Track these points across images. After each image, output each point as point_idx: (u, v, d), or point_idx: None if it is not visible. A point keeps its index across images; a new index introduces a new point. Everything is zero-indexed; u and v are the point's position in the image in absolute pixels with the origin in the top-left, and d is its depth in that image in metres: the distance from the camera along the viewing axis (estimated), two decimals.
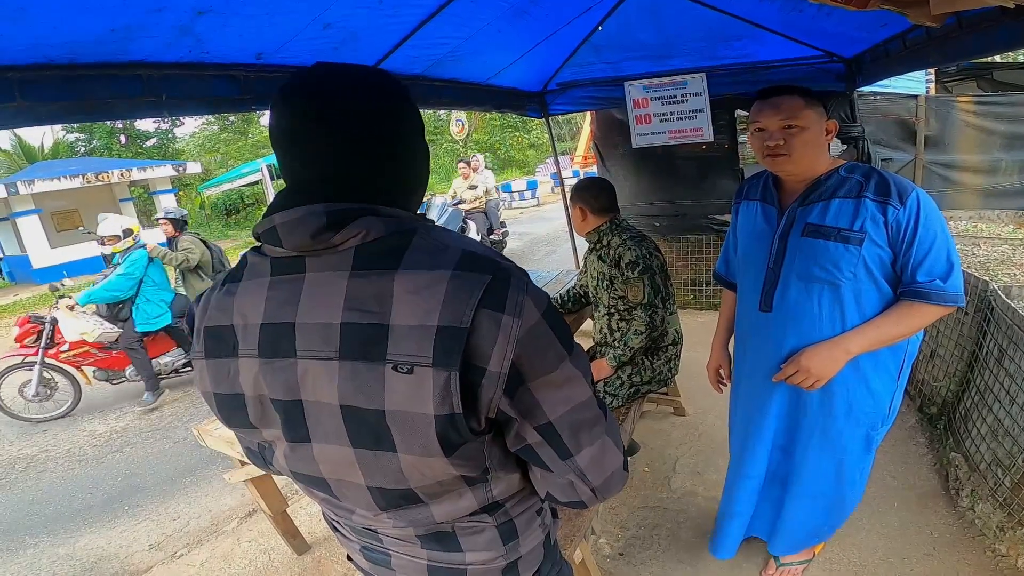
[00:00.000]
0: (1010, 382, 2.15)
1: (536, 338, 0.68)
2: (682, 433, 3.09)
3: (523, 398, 0.70)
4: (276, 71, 1.99)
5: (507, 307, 0.65)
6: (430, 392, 0.65)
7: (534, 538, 0.89)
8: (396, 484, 0.74)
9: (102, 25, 1.36)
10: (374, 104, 0.74)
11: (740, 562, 2.12)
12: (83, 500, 3.48)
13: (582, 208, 2.42)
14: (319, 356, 0.69)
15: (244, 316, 0.76)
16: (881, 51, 2.46)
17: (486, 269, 0.66)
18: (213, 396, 0.81)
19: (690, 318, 4.69)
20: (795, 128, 1.47)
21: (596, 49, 3.27)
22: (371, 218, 0.69)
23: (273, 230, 0.71)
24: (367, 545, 0.92)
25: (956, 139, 4.93)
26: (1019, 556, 1.94)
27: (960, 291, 1.43)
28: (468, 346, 0.64)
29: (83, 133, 22.07)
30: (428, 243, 0.70)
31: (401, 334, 0.65)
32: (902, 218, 1.41)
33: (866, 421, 1.67)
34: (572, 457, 0.74)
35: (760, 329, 1.72)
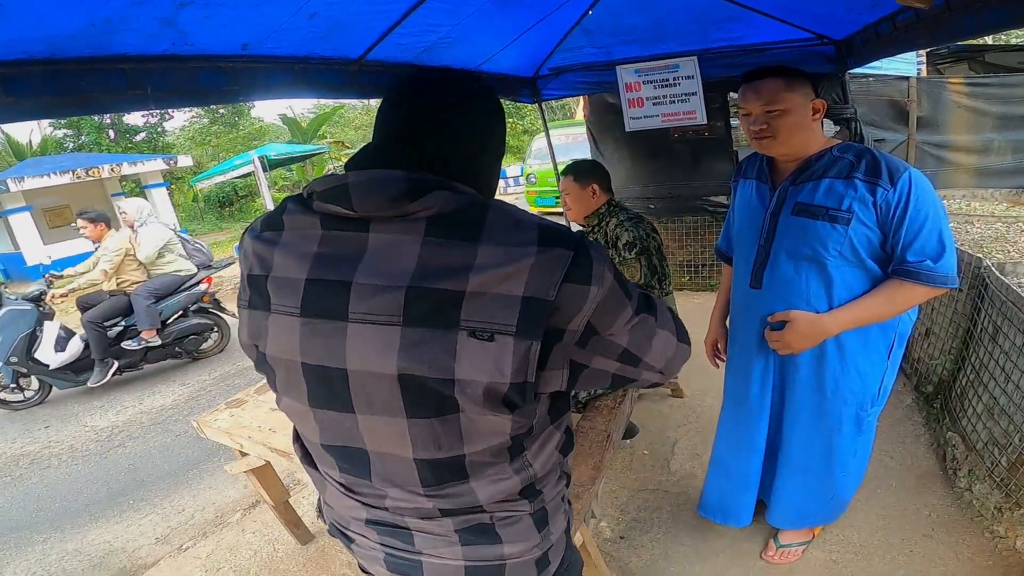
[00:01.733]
0: (1005, 359, 2.16)
1: (610, 298, 0.73)
2: (681, 415, 3.12)
3: (596, 344, 0.76)
4: (263, 61, 1.97)
5: (592, 279, 0.70)
6: (510, 360, 0.67)
7: (560, 525, 0.92)
8: (449, 450, 0.74)
9: (82, 19, 1.34)
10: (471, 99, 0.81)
11: (740, 543, 2.16)
12: (88, 495, 3.50)
13: (595, 186, 2.42)
14: (377, 320, 0.68)
15: (284, 269, 0.74)
16: (871, 33, 2.46)
17: (567, 244, 0.69)
18: (255, 349, 0.80)
19: (686, 299, 4.72)
20: (777, 111, 1.49)
21: (587, 33, 3.26)
22: (447, 192, 0.71)
23: (344, 188, 0.70)
24: (392, 552, 0.86)
25: (948, 120, 4.96)
26: (1017, 537, 1.95)
27: (952, 272, 1.43)
28: (554, 315, 0.68)
29: (71, 129, 21.82)
30: (505, 217, 0.71)
31: (481, 302, 0.66)
32: (892, 199, 1.42)
33: (854, 400, 1.70)
34: (642, 360, 0.81)
35: (750, 305, 1.75)
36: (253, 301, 0.78)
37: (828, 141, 1.58)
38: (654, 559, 2.19)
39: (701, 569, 2.10)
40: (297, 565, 2.47)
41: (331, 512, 0.94)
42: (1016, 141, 4.95)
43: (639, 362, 0.81)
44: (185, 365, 5.62)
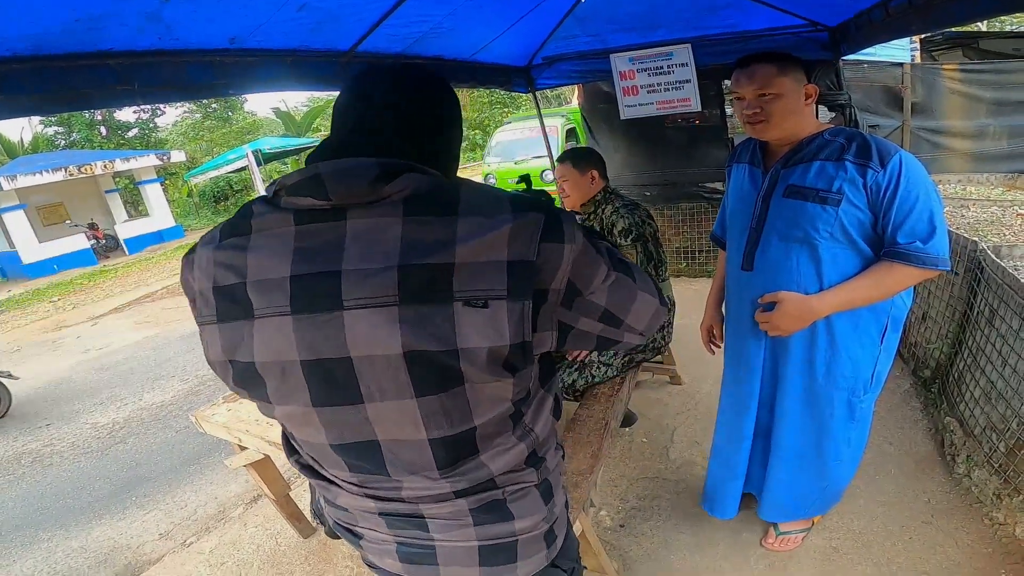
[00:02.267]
0: (1002, 343, 2.16)
1: (585, 256, 0.77)
2: (679, 402, 3.14)
3: (580, 304, 0.80)
4: (251, 55, 1.95)
5: (565, 237, 0.74)
6: (506, 323, 0.71)
7: (561, 498, 0.96)
8: (461, 425, 0.76)
9: (66, 16, 1.33)
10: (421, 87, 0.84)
11: (740, 531, 2.17)
12: (91, 492, 3.52)
13: (594, 172, 2.42)
14: (375, 303, 0.69)
15: (262, 271, 0.73)
16: (864, 19, 2.44)
17: (539, 209, 0.74)
18: (229, 365, 0.78)
19: (684, 286, 4.72)
20: (769, 95, 1.49)
21: (580, 22, 3.24)
22: (417, 175, 0.73)
23: (316, 179, 0.72)
24: (406, 541, 0.88)
25: (943, 106, 4.96)
26: (1017, 524, 1.94)
27: (943, 254, 1.43)
28: (537, 276, 0.72)
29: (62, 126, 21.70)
30: (477, 191, 0.75)
31: (470, 271, 0.69)
32: (882, 180, 1.42)
33: (845, 385, 1.70)
34: (623, 322, 0.86)
35: (743, 288, 1.76)
36: (224, 313, 0.75)
37: (820, 125, 1.58)
38: (654, 548, 2.21)
39: (701, 557, 2.12)
40: (299, 558, 2.49)
41: (336, 512, 0.94)
42: (1011, 126, 4.95)
43: (621, 323, 0.85)
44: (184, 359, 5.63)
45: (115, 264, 14.04)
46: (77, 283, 12.13)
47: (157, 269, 12.39)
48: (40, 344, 7.75)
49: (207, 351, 0.80)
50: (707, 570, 2.07)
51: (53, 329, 8.53)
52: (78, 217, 15.86)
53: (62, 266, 14.08)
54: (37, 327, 8.89)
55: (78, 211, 15.97)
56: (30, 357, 7.11)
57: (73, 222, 15.55)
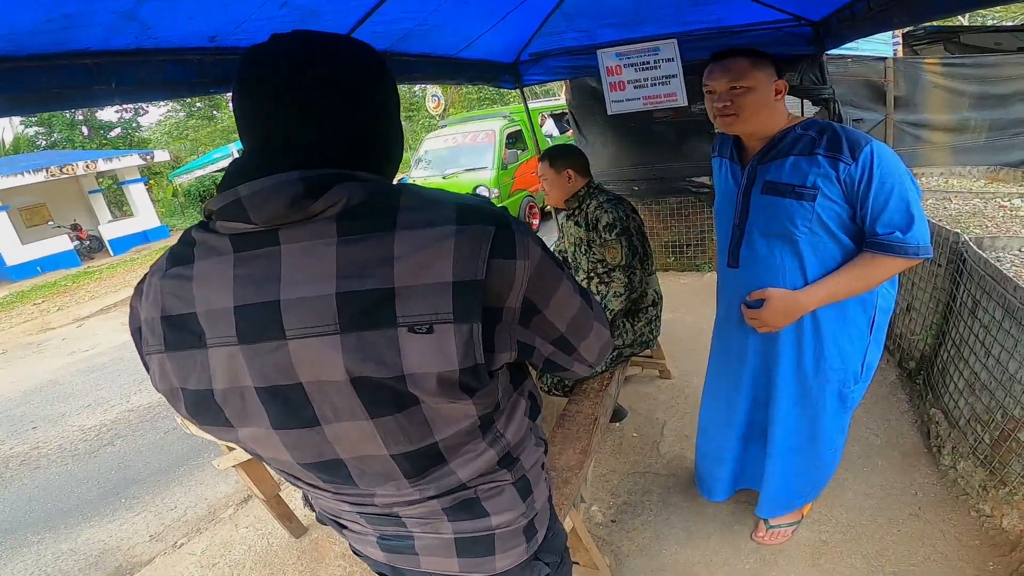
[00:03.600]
0: (984, 334, 2.17)
1: (543, 272, 0.73)
2: (668, 396, 3.15)
3: (538, 324, 0.76)
4: (232, 53, 1.93)
5: (517, 252, 0.68)
6: (453, 347, 0.65)
7: (543, 493, 0.94)
8: (421, 441, 0.73)
9: (37, 15, 1.31)
10: (350, 70, 0.71)
11: (731, 524, 2.19)
12: (80, 495, 3.49)
13: (570, 172, 2.42)
14: (315, 332, 0.65)
15: (208, 301, 0.69)
16: (847, 13, 2.46)
17: (487, 219, 0.67)
18: (181, 392, 0.74)
19: (672, 280, 4.75)
20: (741, 89, 1.49)
21: (567, 17, 3.23)
22: (351, 183, 0.67)
23: (237, 203, 0.65)
24: (385, 533, 0.89)
25: (925, 99, 5.02)
26: (1003, 516, 1.96)
27: (924, 243, 1.44)
28: (486, 294, 0.66)
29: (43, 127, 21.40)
30: (418, 200, 0.68)
31: (411, 294, 0.64)
32: (854, 173, 1.42)
33: (836, 378, 1.72)
34: (576, 351, 0.84)
35: (730, 285, 1.78)
36: (174, 343, 0.72)
37: (792, 119, 1.58)
38: (646, 542, 2.22)
39: (693, 551, 2.14)
40: (292, 558, 2.48)
41: (320, 504, 0.94)
42: (992, 120, 5.02)
43: (573, 351, 0.83)
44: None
45: (100, 265, 13.86)
46: (61, 285, 11.97)
47: (142, 270, 12.14)
48: (25, 346, 7.65)
49: (154, 381, 0.76)
50: (699, 564, 2.08)
51: (38, 331, 8.42)
52: (61, 218, 15.64)
53: (46, 268, 13.89)
54: (21, 330, 8.77)
55: (61, 212, 15.76)
56: (15, 360, 7.01)
57: (56, 223, 15.35)
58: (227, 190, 0.66)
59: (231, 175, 0.68)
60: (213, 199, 0.68)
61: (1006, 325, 2.04)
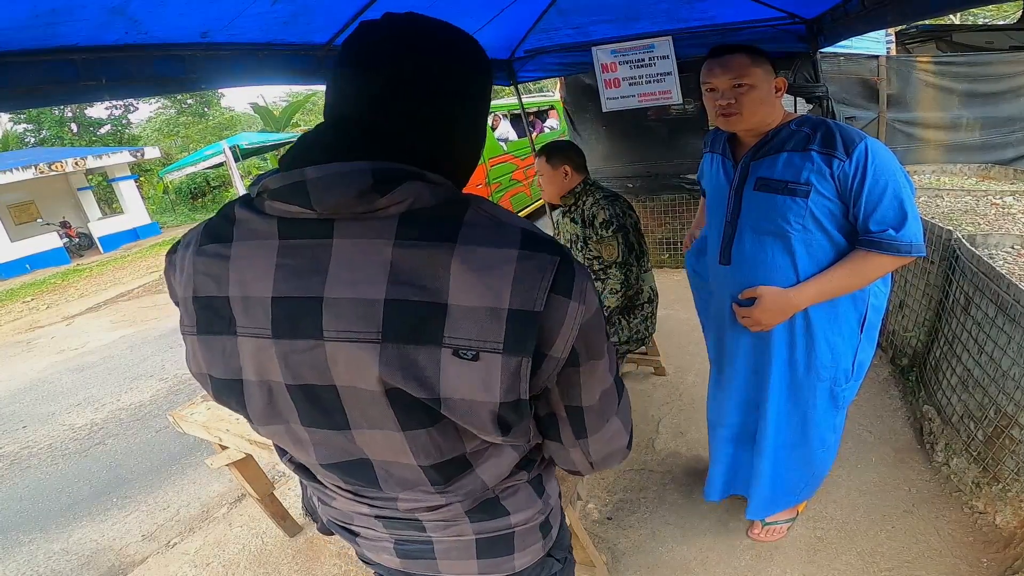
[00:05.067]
0: (977, 330, 2.18)
1: (594, 325, 0.67)
2: (663, 393, 3.16)
3: (570, 378, 0.70)
4: (224, 49, 1.92)
5: (574, 293, 0.63)
6: (498, 379, 0.61)
7: (555, 488, 0.93)
8: (451, 452, 0.71)
9: (24, 11, 1.29)
10: (455, 67, 0.68)
11: (727, 520, 2.20)
12: (71, 494, 3.45)
13: (567, 168, 2.41)
14: (355, 338, 0.62)
15: (244, 286, 0.65)
16: (841, 11, 2.48)
17: (552, 250, 0.62)
18: (209, 379, 0.72)
19: (666, 276, 4.76)
20: (744, 86, 1.48)
21: (562, 14, 3.23)
22: (419, 184, 0.62)
23: (301, 185, 0.61)
24: (402, 538, 0.86)
25: (917, 97, 5.05)
26: (997, 513, 1.97)
27: (916, 241, 1.43)
28: (540, 331, 0.62)
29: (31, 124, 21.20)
30: (484, 217, 0.64)
31: (462, 315, 0.60)
32: (848, 169, 1.42)
33: (827, 375, 1.71)
34: (586, 438, 0.76)
35: (722, 282, 1.77)
36: (205, 326, 0.69)
37: (786, 115, 1.58)
38: (642, 539, 2.22)
39: (688, 548, 2.14)
40: (286, 557, 2.46)
41: (331, 511, 0.92)
42: (984, 118, 5.05)
43: (583, 435, 0.76)
44: (162, 357, 5.53)
45: (89, 263, 13.74)
46: (50, 282, 11.85)
47: (133, 267, 12.14)
48: (14, 345, 7.56)
49: (188, 361, 0.75)
50: (694, 561, 2.09)
51: (27, 330, 8.33)
52: (50, 215, 15.49)
53: (35, 265, 13.75)
54: (10, 328, 8.67)
55: (50, 209, 15.60)
56: (4, 358, 6.94)
57: (45, 220, 15.20)
58: (291, 169, 0.62)
59: (298, 152, 0.65)
60: (272, 176, 0.63)
61: (999, 322, 2.05)
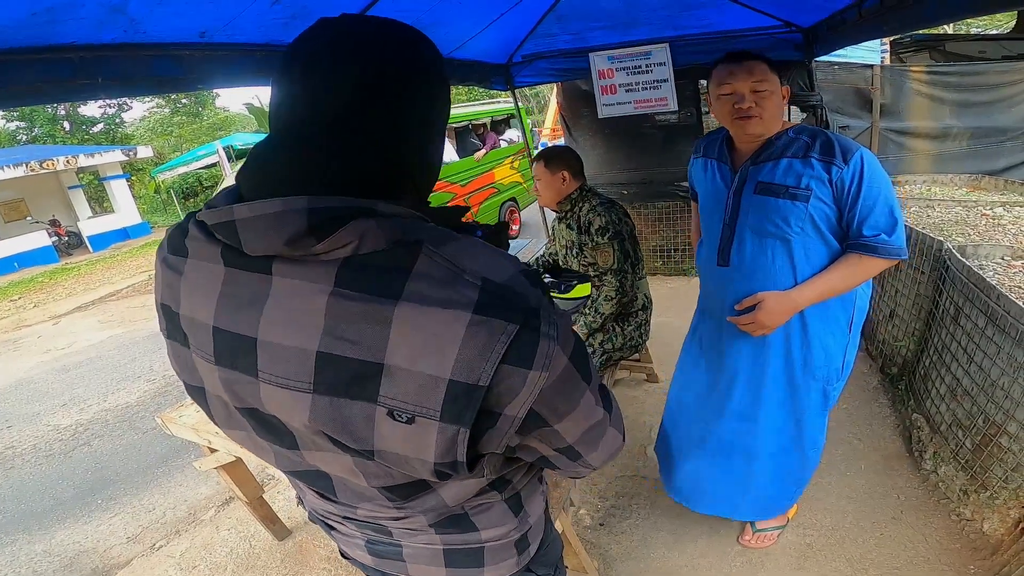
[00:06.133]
0: (967, 340, 2.19)
1: (561, 385, 0.62)
2: (656, 400, 3.14)
3: (543, 434, 0.67)
4: (222, 49, 1.90)
5: (535, 362, 0.56)
6: (432, 444, 0.58)
7: (538, 507, 0.91)
8: (404, 478, 0.67)
9: (22, 9, 1.28)
10: (399, 71, 0.61)
11: (718, 528, 2.19)
12: (55, 496, 3.40)
13: (565, 173, 2.41)
14: (287, 385, 0.59)
15: (192, 308, 0.64)
16: (838, 20, 2.49)
17: (512, 312, 0.55)
18: (181, 380, 0.73)
19: (660, 284, 4.77)
20: (765, 91, 1.54)
21: (560, 19, 3.23)
22: (367, 221, 0.55)
23: (231, 225, 0.56)
24: (373, 539, 0.85)
25: (909, 107, 5.09)
26: (984, 520, 1.98)
27: (903, 244, 1.52)
28: (484, 400, 0.56)
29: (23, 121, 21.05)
30: (438, 267, 0.56)
31: (400, 377, 0.55)
32: (846, 176, 1.49)
33: (821, 376, 1.76)
34: (583, 458, 0.74)
35: (719, 285, 1.79)
36: (170, 332, 0.69)
37: (784, 124, 1.64)
38: (634, 545, 2.21)
39: (680, 555, 2.14)
40: (275, 561, 2.44)
41: (310, 505, 0.92)
42: (973, 128, 5.10)
43: (578, 458, 0.73)
44: (151, 358, 5.48)
45: (78, 262, 13.61)
46: (38, 281, 11.74)
47: (122, 267, 12.04)
48: (0, 344, 7.48)
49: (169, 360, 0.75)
50: (686, 567, 2.08)
51: (13, 328, 8.24)
52: (39, 214, 15.35)
53: (23, 264, 13.62)
54: None
55: (40, 207, 15.47)
56: None
57: (34, 219, 15.06)
58: (225, 203, 0.58)
59: (241, 178, 0.61)
60: (209, 211, 0.59)
61: (988, 332, 2.06)
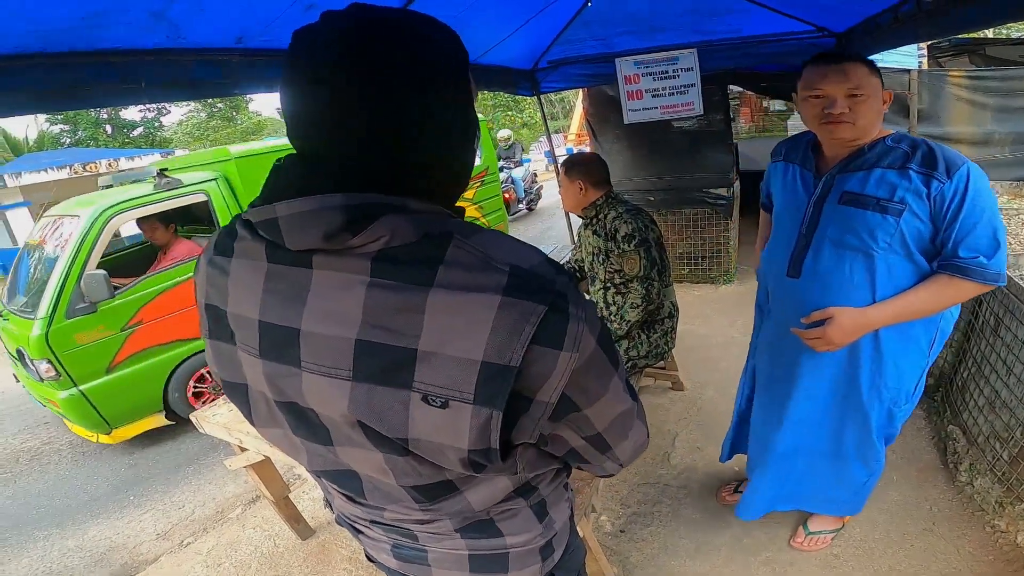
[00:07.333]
0: (1007, 352, 2.14)
1: (590, 367, 0.64)
2: (681, 408, 3.12)
3: (574, 420, 0.68)
4: (258, 54, 1.96)
5: (565, 343, 0.58)
6: (466, 429, 0.59)
7: (563, 513, 0.90)
8: (432, 477, 0.69)
9: (71, 14, 1.33)
10: (416, 61, 0.59)
11: (741, 537, 2.16)
12: (89, 492, 3.51)
13: (582, 183, 2.41)
14: (328, 373, 0.61)
15: (238, 304, 0.67)
16: (872, 25, 2.43)
17: (541, 294, 0.57)
18: (220, 379, 0.75)
19: (685, 291, 4.73)
20: (862, 96, 1.42)
21: (587, 25, 3.24)
22: (399, 217, 0.58)
23: (274, 222, 0.59)
24: (399, 543, 0.86)
25: (949, 112, 4.94)
26: (1019, 532, 1.94)
27: (1002, 270, 1.38)
28: (517, 381, 0.58)
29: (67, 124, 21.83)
30: (467, 255, 0.58)
31: (434, 362, 0.57)
32: (947, 192, 1.36)
33: (888, 396, 1.66)
34: (611, 450, 0.75)
35: (787, 296, 1.69)
36: (214, 332, 0.72)
37: (882, 131, 1.52)
38: (654, 553, 2.19)
39: (702, 564, 2.11)
40: (298, 560, 2.47)
41: (338, 509, 0.94)
42: (1016, 133, 4.92)
43: (608, 450, 0.75)
44: None
45: None
46: None
47: None
48: None
49: (207, 359, 0.77)
50: None
51: None
52: None
53: None
54: None
55: None
56: None
57: None
58: (267, 202, 0.60)
59: (274, 182, 0.63)
60: (253, 209, 0.62)
61: None
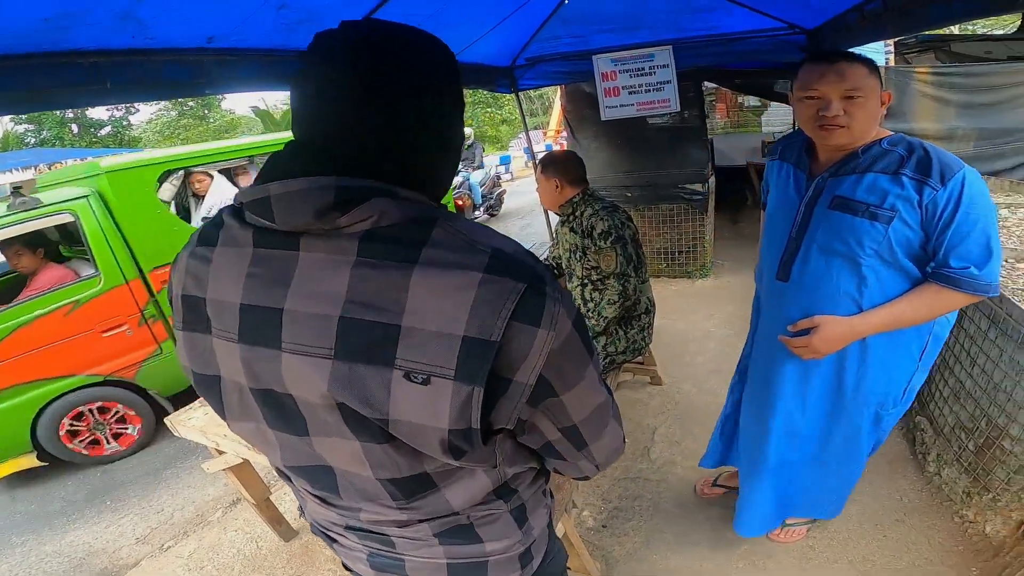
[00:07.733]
0: (970, 343, 2.19)
1: (567, 350, 0.65)
2: (659, 402, 3.16)
3: (550, 406, 0.69)
4: (229, 54, 1.93)
5: (543, 320, 0.61)
6: (447, 406, 0.60)
7: (542, 520, 0.91)
8: (410, 470, 0.69)
9: (34, 15, 1.30)
10: (418, 71, 0.65)
11: (721, 530, 2.20)
12: (64, 497, 3.44)
13: (558, 181, 2.42)
14: (309, 352, 0.62)
15: (219, 291, 0.68)
16: (841, 23, 2.50)
17: (520, 274, 0.60)
18: (192, 372, 0.75)
19: (663, 287, 4.79)
20: (859, 97, 1.35)
21: (564, 22, 3.25)
22: (386, 200, 0.61)
23: (265, 201, 0.62)
24: (375, 551, 0.85)
25: (914, 108, 5.05)
26: (987, 522, 1.98)
27: (994, 281, 1.34)
28: (496, 359, 0.60)
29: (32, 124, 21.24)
30: (452, 237, 0.62)
31: (417, 339, 0.59)
32: (940, 199, 1.30)
33: (875, 400, 1.65)
34: (587, 447, 0.76)
35: (776, 299, 1.68)
36: (189, 323, 0.72)
37: (879, 133, 1.46)
38: (636, 547, 2.22)
39: (683, 557, 2.14)
40: (281, 561, 2.46)
41: (310, 515, 0.92)
42: (979, 128, 5.05)
43: (584, 447, 0.76)
44: None
45: None
46: None
47: None
48: None
49: (178, 354, 0.78)
50: (688, 569, 2.09)
51: None
52: None
53: None
54: None
55: None
56: None
57: None
58: (262, 183, 0.63)
59: (270, 167, 0.66)
60: (245, 190, 0.65)
61: (991, 335, 2.05)
